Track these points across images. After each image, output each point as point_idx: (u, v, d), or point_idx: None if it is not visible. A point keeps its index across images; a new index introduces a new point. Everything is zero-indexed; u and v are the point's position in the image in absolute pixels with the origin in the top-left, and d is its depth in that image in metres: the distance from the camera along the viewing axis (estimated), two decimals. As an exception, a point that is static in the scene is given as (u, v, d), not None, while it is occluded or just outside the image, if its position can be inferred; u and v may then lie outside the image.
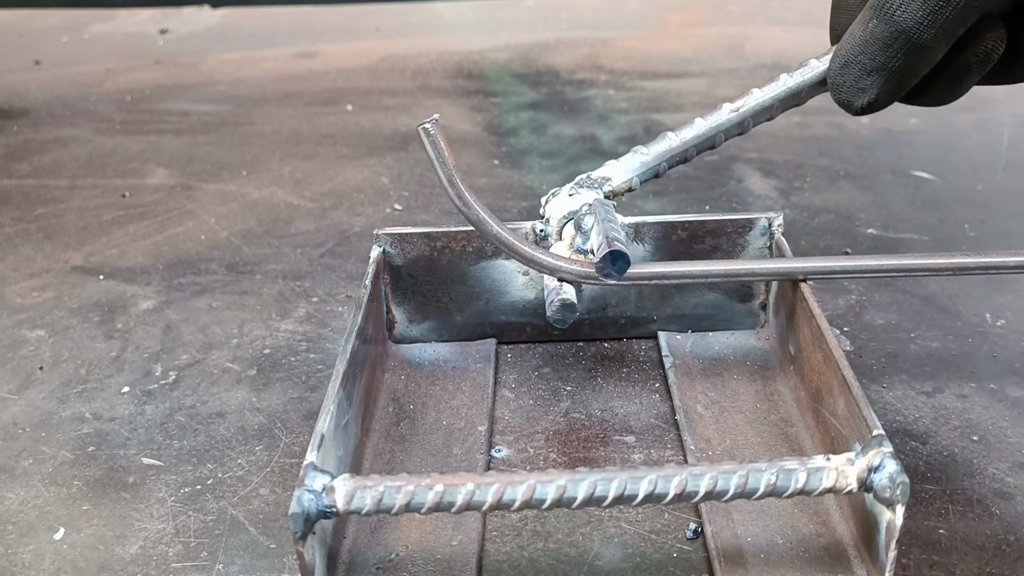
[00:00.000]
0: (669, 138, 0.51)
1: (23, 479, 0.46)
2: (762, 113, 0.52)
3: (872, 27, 0.47)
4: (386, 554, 0.41)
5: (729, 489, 0.36)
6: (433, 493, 0.35)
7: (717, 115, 0.51)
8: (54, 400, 0.52)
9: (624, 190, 0.51)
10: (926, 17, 0.45)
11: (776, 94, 0.51)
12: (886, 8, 0.46)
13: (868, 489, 0.36)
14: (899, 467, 0.36)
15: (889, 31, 0.46)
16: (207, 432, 0.49)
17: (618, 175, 0.51)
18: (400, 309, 0.54)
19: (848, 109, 0.49)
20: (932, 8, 0.45)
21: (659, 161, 0.51)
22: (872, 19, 0.47)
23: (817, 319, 0.46)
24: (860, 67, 0.47)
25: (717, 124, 0.51)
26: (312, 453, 0.36)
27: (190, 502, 0.44)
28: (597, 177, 0.51)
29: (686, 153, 0.52)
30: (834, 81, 0.49)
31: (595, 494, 0.36)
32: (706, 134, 0.51)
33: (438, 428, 0.49)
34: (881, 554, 0.37)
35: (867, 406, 0.39)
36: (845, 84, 0.48)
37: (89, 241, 0.70)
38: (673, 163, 0.52)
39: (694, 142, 0.51)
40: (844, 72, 0.48)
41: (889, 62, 0.47)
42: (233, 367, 0.55)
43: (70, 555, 0.42)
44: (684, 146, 0.51)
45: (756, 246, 0.54)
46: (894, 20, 0.46)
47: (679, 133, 0.51)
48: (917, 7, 0.45)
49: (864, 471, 0.36)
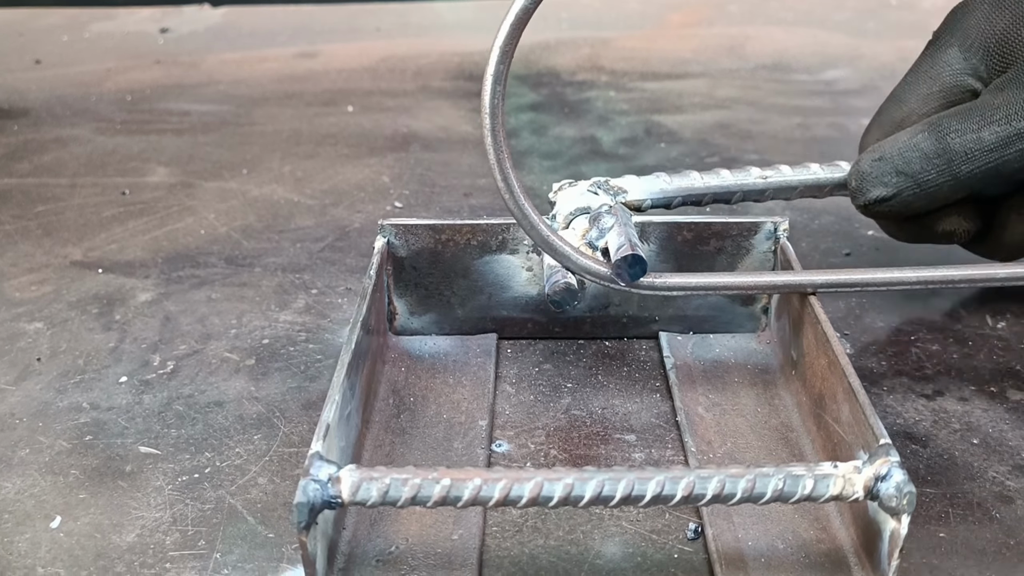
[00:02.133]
0: (693, 177, 0.53)
1: (20, 468, 0.46)
2: (783, 191, 0.54)
3: (921, 138, 0.52)
4: (386, 547, 0.40)
5: (736, 493, 0.36)
6: (440, 487, 0.35)
7: (743, 175, 0.54)
8: (52, 390, 0.52)
9: (634, 207, 0.52)
10: (972, 152, 0.51)
11: (802, 179, 0.54)
12: (943, 128, 0.50)
13: (874, 498, 0.36)
14: (906, 477, 0.36)
15: (935, 147, 0.51)
16: (205, 421, 0.49)
17: (635, 190, 0.52)
18: (402, 301, 0.54)
19: (859, 196, 0.54)
20: (981, 147, 0.50)
21: (677, 194, 0.53)
22: (923, 131, 0.52)
23: (823, 325, 0.46)
24: (892, 165, 0.52)
25: (740, 183, 0.53)
26: (318, 443, 0.36)
27: (188, 491, 0.44)
28: (615, 185, 0.52)
29: (702, 197, 0.53)
30: (861, 168, 0.53)
31: (603, 494, 0.36)
32: (728, 188, 0.53)
33: (438, 421, 0.48)
34: (883, 562, 0.37)
35: (873, 414, 0.39)
36: (871, 174, 0.53)
37: (88, 237, 0.70)
38: (687, 201, 0.53)
39: (714, 191, 0.53)
40: (876, 164, 0.53)
41: (920, 172, 0.52)
42: (232, 357, 0.55)
43: (67, 543, 0.41)
44: (704, 190, 0.53)
45: (761, 250, 0.54)
46: (945, 140, 0.51)
47: (703, 177, 0.53)
48: (970, 139, 0.51)
49: (871, 480, 0.36)
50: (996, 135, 0.50)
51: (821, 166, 0.54)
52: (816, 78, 1.06)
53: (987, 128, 0.50)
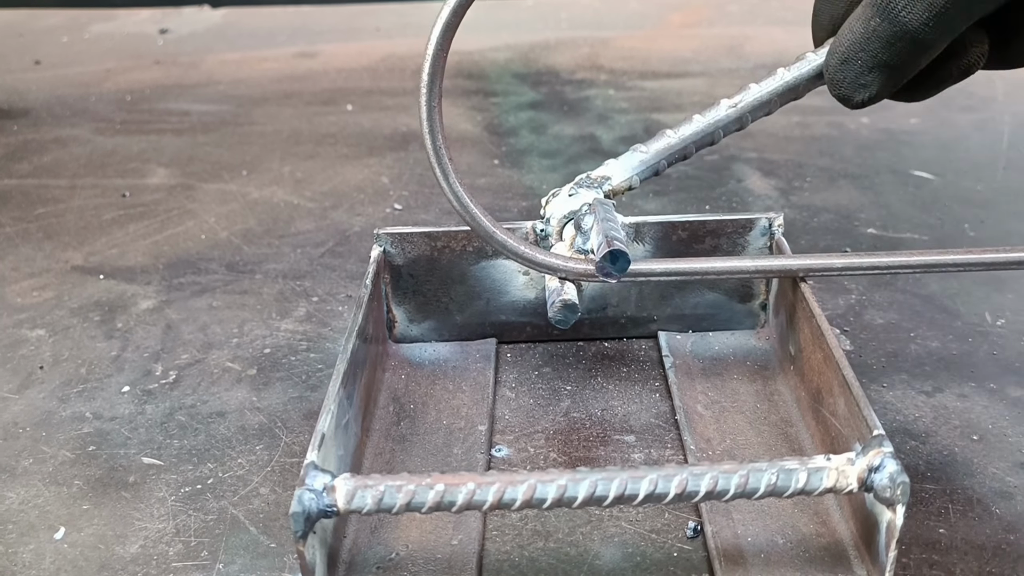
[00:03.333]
0: (668, 136, 0.51)
1: (23, 479, 0.46)
2: (760, 108, 0.51)
3: (874, 25, 0.47)
4: (386, 553, 0.41)
5: (730, 489, 0.36)
6: (434, 493, 0.35)
7: (715, 111, 0.51)
8: (54, 400, 0.52)
9: (624, 189, 0.51)
10: (931, 18, 0.46)
11: (773, 89, 0.51)
12: (890, 8, 0.46)
13: (868, 489, 0.36)
14: (899, 467, 0.36)
15: (892, 30, 0.46)
16: (207, 431, 0.49)
17: (618, 174, 0.51)
18: (400, 308, 0.54)
19: (847, 103, 0.49)
20: (937, 10, 0.45)
21: (659, 159, 0.51)
22: (874, 17, 0.47)
23: (817, 319, 0.46)
24: (861, 63, 0.48)
25: (715, 120, 0.51)
26: (313, 452, 0.37)
27: (190, 501, 0.44)
28: (597, 176, 0.51)
29: (685, 150, 0.51)
30: (833, 76, 0.49)
31: (596, 494, 0.36)
32: (705, 130, 0.51)
33: (438, 427, 0.49)
34: (881, 554, 0.37)
35: (867, 406, 0.39)
36: (845, 80, 0.48)
37: (89, 241, 0.70)
38: (673, 160, 0.52)
39: (693, 139, 0.51)
40: (844, 68, 0.48)
41: (890, 59, 0.47)
42: (233, 366, 0.55)
43: (70, 554, 0.42)
44: (683, 143, 0.51)
45: (756, 246, 0.54)
46: (899, 20, 0.46)
47: (678, 130, 0.51)
48: (923, 8, 0.45)
49: (864, 471, 0.36)
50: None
51: (787, 68, 0.51)
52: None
53: None
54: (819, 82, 0.51)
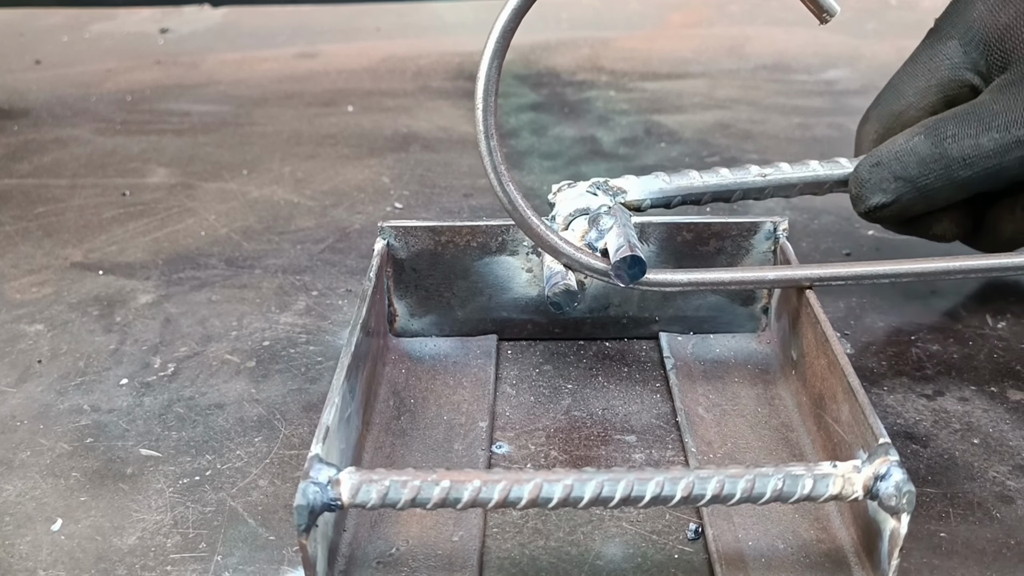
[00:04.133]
0: (691, 177, 0.53)
1: (21, 471, 0.46)
2: (783, 188, 0.54)
3: (918, 142, 0.51)
4: (386, 548, 0.40)
5: (736, 493, 0.36)
6: (439, 489, 0.35)
7: (743, 173, 0.54)
8: (52, 393, 0.52)
9: (634, 207, 0.52)
10: (971, 157, 0.50)
11: (802, 176, 0.54)
12: (940, 132, 0.50)
13: (874, 497, 0.36)
14: (906, 476, 0.36)
15: (933, 152, 0.51)
16: (206, 423, 0.49)
17: (634, 190, 0.52)
18: (402, 302, 0.54)
19: (859, 203, 0.54)
20: (979, 154, 0.50)
21: (676, 194, 0.53)
22: (920, 135, 0.51)
23: (822, 325, 0.46)
24: (890, 171, 0.52)
25: (740, 181, 0.53)
26: (317, 445, 0.36)
27: (188, 493, 0.44)
28: (614, 186, 0.52)
29: (701, 196, 0.53)
30: (859, 175, 0.53)
31: (602, 494, 0.36)
32: (727, 187, 0.53)
33: (439, 423, 0.48)
34: (883, 562, 0.37)
35: (873, 414, 0.39)
36: (870, 180, 0.52)
37: (89, 238, 0.70)
38: (687, 200, 0.53)
39: (713, 190, 0.53)
40: (874, 170, 0.52)
41: (919, 178, 0.52)
42: (232, 359, 0.55)
43: (68, 546, 0.41)
44: (703, 189, 0.53)
45: (760, 250, 0.54)
46: (943, 145, 0.50)
47: (703, 175, 0.53)
48: (968, 145, 0.50)
49: (870, 479, 0.36)
50: (995, 142, 0.50)
51: (820, 163, 0.54)
52: (816, 78, 1.06)
53: (985, 135, 0.50)
54: (843, 188, 0.54)
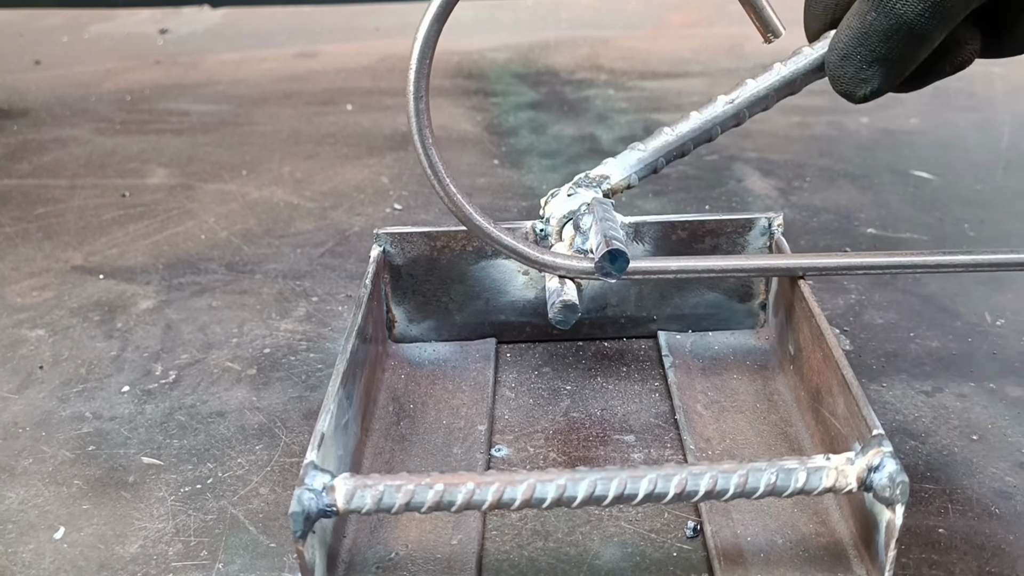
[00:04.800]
0: (666, 133, 0.51)
1: (23, 478, 0.46)
2: (757, 103, 0.51)
3: (871, 19, 0.47)
4: (386, 553, 0.41)
5: (729, 489, 0.36)
6: (433, 492, 0.35)
7: (712, 107, 0.51)
8: (54, 399, 0.52)
9: (623, 187, 0.51)
10: (927, 9, 0.45)
11: (770, 84, 0.51)
12: (885, 1, 0.46)
13: (868, 489, 0.36)
14: (899, 467, 0.36)
15: (889, 23, 0.46)
16: (207, 431, 0.49)
17: (616, 173, 0.51)
18: (400, 308, 0.54)
19: (850, 99, 0.50)
20: (931, 2, 0.45)
21: (657, 157, 0.51)
22: (870, 11, 0.47)
23: (817, 318, 0.46)
24: (861, 58, 0.48)
25: (713, 116, 0.51)
26: (312, 452, 0.36)
27: (190, 501, 0.44)
28: (595, 175, 0.51)
29: (683, 147, 0.51)
30: (835, 73, 0.49)
31: (595, 493, 0.36)
32: (702, 127, 0.51)
33: (438, 427, 0.49)
34: (881, 553, 0.37)
35: (867, 405, 0.39)
36: (846, 75, 0.48)
37: (89, 241, 0.70)
38: (671, 158, 0.52)
39: (691, 136, 0.51)
40: (844, 64, 0.48)
41: (890, 53, 0.47)
42: (233, 366, 0.55)
43: (70, 554, 0.42)
44: (681, 140, 0.51)
45: (756, 246, 0.54)
46: (895, 13, 0.46)
47: (675, 128, 0.51)
48: (917, 1, 0.45)
49: (864, 471, 0.36)
50: None
51: (783, 62, 0.51)
52: (815, 75, 1.06)
53: None
54: (815, 76, 0.51)
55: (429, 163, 0.46)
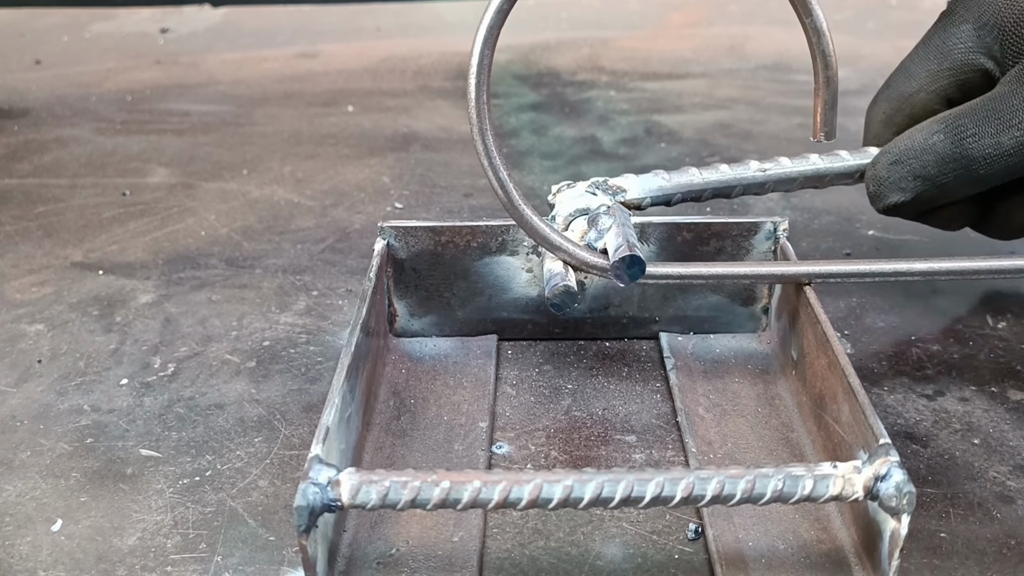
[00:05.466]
0: (691, 173, 0.53)
1: (21, 471, 0.46)
2: (783, 183, 0.54)
3: (937, 140, 0.50)
4: (387, 549, 0.40)
5: (736, 494, 0.36)
6: (439, 490, 0.35)
7: (742, 169, 0.53)
8: (53, 393, 0.52)
9: (634, 206, 0.52)
10: (992, 156, 0.49)
11: (802, 170, 0.54)
12: (960, 131, 0.49)
13: (874, 498, 0.36)
14: (906, 477, 0.35)
15: (953, 151, 0.50)
16: (206, 424, 0.49)
17: (634, 189, 0.52)
18: (402, 303, 0.54)
19: (878, 201, 0.54)
20: (1000, 152, 0.49)
21: (676, 191, 0.53)
22: (939, 133, 0.51)
23: (822, 324, 0.46)
24: (910, 169, 0.51)
25: (740, 177, 0.53)
26: (317, 446, 0.36)
27: (188, 494, 0.44)
28: (613, 184, 0.52)
29: (701, 192, 0.53)
30: (878, 173, 0.52)
31: (602, 495, 0.36)
32: (726, 182, 0.53)
33: (439, 423, 0.48)
34: (884, 562, 0.37)
35: (873, 414, 0.39)
36: (889, 179, 0.52)
37: (89, 238, 0.70)
38: (687, 198, 0.53)
39: (713, 185, 0.53)
40: (893, 168, 0.52)
41: (938, 176, 0.51)
42: (232, 359, 0.55)
43: (68, 546, 0.41)
44: (703, 186, 0.53)
45: (761, 250, 0.54)
46: (962, 144, 0.50)
47: (702, 172, 0.53)
48: (988, 144, 0.49)
49: (871, 480, 0.36)
50: (1015, 140, 0.49)
51: (820, 156, 0.54)
52: (816, 77, 1.06)
53: (1006, 133, 0.49)
54: (844, 180, 0.54)
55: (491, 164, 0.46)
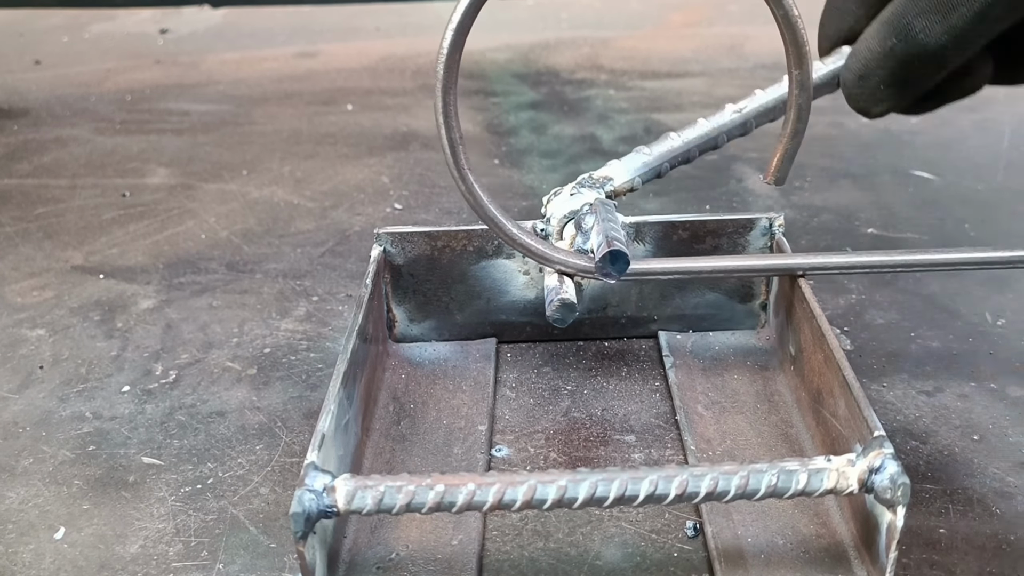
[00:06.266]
0: (671, 138, 0.51)
1: (23, 478, 0.46)
2: (765, 114, 0.52)
3: (891, 44, 0.48)
4: (386, 553, 0.40)
5: (730, 490, 0.36)
6: (434, 493, 0.35)
7: (720, 116, 0.51)
8: (54, 399, 0.52)
9: (626, 190, 0.51)
10: (949, 40, 0.47)
11: (779, 95, 0.52)
12: (909, 29, 0.48)
13: (869, 490, 0.36)
14: (900, 468, 0.36)
15: (909, 50, 0.48)
16: (207, 431, 0.49)
17: (620, 175, 0.51)
18: (400, 308, 0.54)
19: (866, 115, 0.52)
20: (955, 32, 0.46)
21: (661, 161, 0.51)
22: (891, 37, 0.48)
23: (818, 319, 0.46)
24: (877, 79, 0.50)
25: (720, 124, 0.51)
26: (313, 453, 0.36)
27: (190, 501, 0.44)
28: (599, 177, 0.51)
29: (688, 153, 0.52)
30: (851, 91, 0.51)
31: (596, 494, 0.36)
32: (708, 134, 0.51)
33: (438, 427, 0.48)
34: (882, 555, 0.37)
35: (868, 407, 0.39)
36: (863, 94, 0.50)
37: (89, 240, 0.70)
38: (675, 163, 0.52)
39: (696, 142, 0.51)
40: (862, 83, 0.50)
41: (905, 76, 0.49)
42: (233, 366, 0.55)
43: (70, 554, 0.41)
44: (686, 146, 0.51)
45: (757, 246, 0.54)
46: (916, 41, 0.47)
47: (681, 133, 0.51)
48: (941, 30, 0.47)
49: (865, 472, 0.36)
50: (964, 17, 0.46)
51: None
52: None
53: (953, 13, 0.46)
54: (824, 91, 0.52)
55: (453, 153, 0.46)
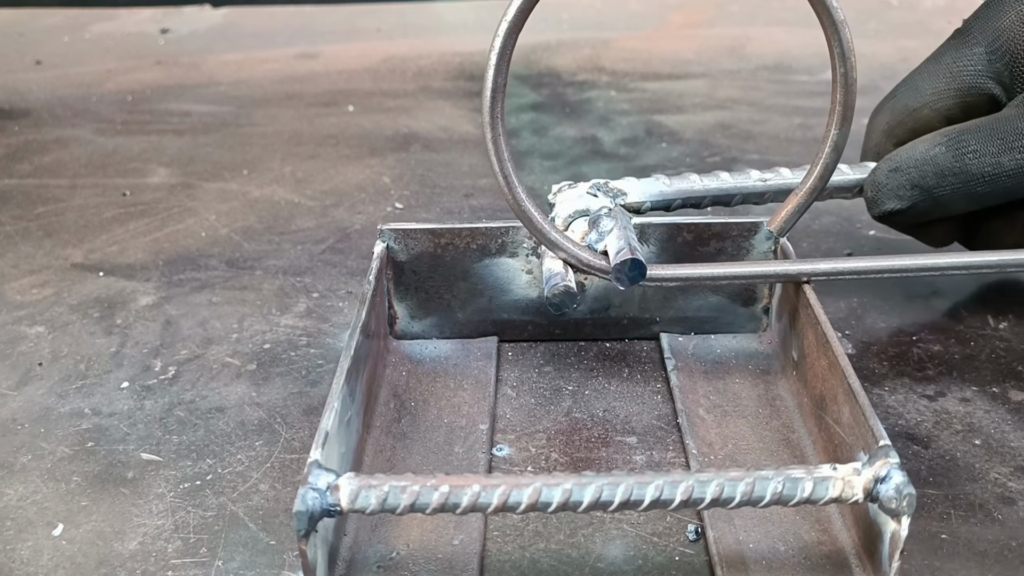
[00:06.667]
0: (692, 180, 0.53)
1: (21, 475, 0.46)
2: (783, 193, 0.54)
3: (938, 152, 0.51)
4: (387, 552, 0.40)
5: (735, 497, 0.36)
6: (438, 494, 0.35)
7: (743, 178, 0.54)
8: (53, 396, 0.52)
9: (633, 209, 0.52)
10: (990, 175, 0.50)
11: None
12: (962, 146, 0.50)
13: (874, 500, 0.36)
14: (906, 479, 0.35)
15: (953, 165, 0.51)
16: (207, 427, 0.49)
17: (634, 192, 0.52)
18: (402, 305, 0.54)
19: (874, 207, 0.54)
20: (999, 172, 0.50)
21: (676, 197, 0.53)
22: (941, 146, 0.51)
23: (822, 325, 0.46)
24: (908, 178, 0.51)
25: (740, 186, 0.53)
26: (316, 451, 0.36)
27: (189, 498, 0.44)
28: (614, 187, 0.52)
29: (702, 200, 0.54)
30: (877, 179, 0.53)
31: (601, 498, 0.36)
32: (727, 191, 0.53)
33: (439, 425, 0.48)
34: (884, 564, 0.37)
35: (873, 415, 0.39)
36: (887, 186, 0.52)
37: (89, 238, 0.70)
38: (687, 203, 0.54)
39: (713, 193, 0.54)
40: (892, 175, 0.52)
41: (936, 188, 0.51)
42: (233, 362, 0.55)
43: (69, 551, 0.41)
44: (703, 192, 0.53)
45: (761, 250, 0.54)
46: (963, 160, 0.50)
47: (703, 179, 0.53)
48: (988, 163, 0.50)
49: (870, 482, 0.36)
50: (1016, 162, 0.49)
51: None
52: (817, 78, 1.06)
53: (1007, 154, 0.49)
54: (843, 194, 0.56)
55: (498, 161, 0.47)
